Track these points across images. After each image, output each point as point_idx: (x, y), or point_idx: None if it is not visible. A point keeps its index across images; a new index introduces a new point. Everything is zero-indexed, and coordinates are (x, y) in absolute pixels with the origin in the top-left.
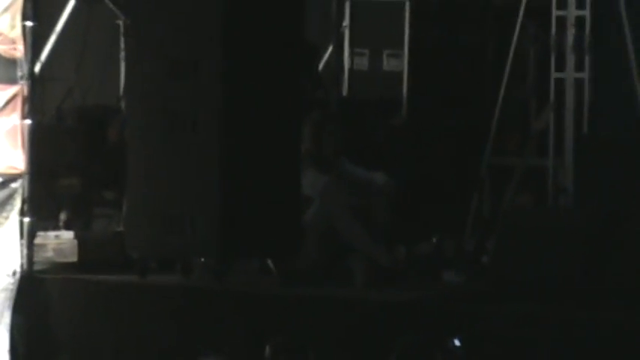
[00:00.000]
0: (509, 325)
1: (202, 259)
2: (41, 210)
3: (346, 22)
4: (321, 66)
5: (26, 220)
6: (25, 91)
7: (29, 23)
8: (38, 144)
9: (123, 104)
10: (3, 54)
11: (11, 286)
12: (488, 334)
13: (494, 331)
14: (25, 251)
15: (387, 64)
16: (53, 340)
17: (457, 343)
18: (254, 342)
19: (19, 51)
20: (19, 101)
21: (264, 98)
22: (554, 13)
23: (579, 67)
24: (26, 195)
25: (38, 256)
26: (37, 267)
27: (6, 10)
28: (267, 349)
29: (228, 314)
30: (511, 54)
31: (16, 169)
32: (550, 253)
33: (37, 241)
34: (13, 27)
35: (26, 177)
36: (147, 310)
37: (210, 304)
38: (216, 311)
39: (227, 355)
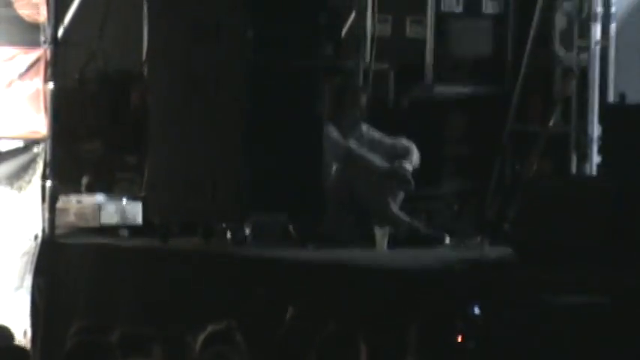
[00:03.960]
0: (531, 293)
1: (224, 224)
2: (63, 174)
3: None
4: (343, 32)
5: (48, 184)
6: (48, 55)
7: None
8: (60, 108)
9: (145, 68)
10: (26, 18)
11: (33, 250)
12: (509, 301)
13: (516, 299)
14: (46, 215)
15: (410, 30)
16: (74, 304)
17: (477, 310)
18: (274, 307)
19: (42, 15)
20: (41, 65)
21: (287, 63)
22: None
23: (604, 34)
24: (48, 159)
25: (60, 221)
26: (58, 231)
27: None
28: (289, 313)
29: (249, 279)
30: (535, 20)
31: (38, 133)
32: (573, 221)
33: (59, 205)
34: None
35: (48, 141)
36: (168, 275)
37: (231, 269)
38: (237, 276)
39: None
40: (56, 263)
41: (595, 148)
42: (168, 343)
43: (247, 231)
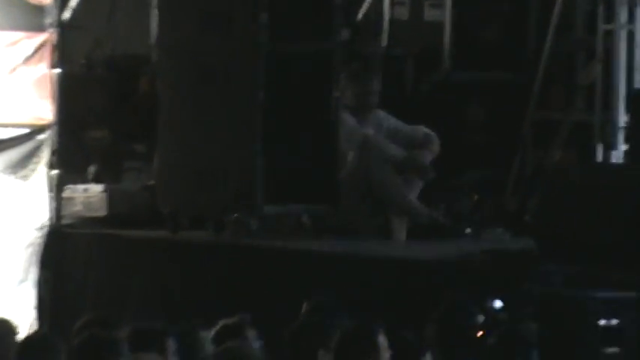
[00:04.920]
0: (552, 287)
1: (235, 215)
2: (69, 162)
3: None
4: (359, 16)
5: (54, 172)
6: (54, 40)
7: None
8: (67, 94)
9: (155, 54)
10: (30, 0)
11: (38, 241)
12: (530, 295)
13: (537, 293)
14: (52, 205)
15: (428, 13)
16: (80, 296)
17: (498, 304)
18: (289, 300)
19: None
20: (47, 50)
21: (300, 49)
22: None
23: (630, 18)
24: (54, 147)
25: (66, 210)
26: (65, 221)
27: None
28: (304, 307)
29: (262, 272)
30: (558, 4)
31: (43, 119)
32: (597, 212)
33: (65, 194)
34: None
35: (54, 128)
36: (177, 267)
37: (243, 261)
38: (250, 269)
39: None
40: (62, 255)
41: (621, 136)
42: (181, 338)
43: (260, 222)
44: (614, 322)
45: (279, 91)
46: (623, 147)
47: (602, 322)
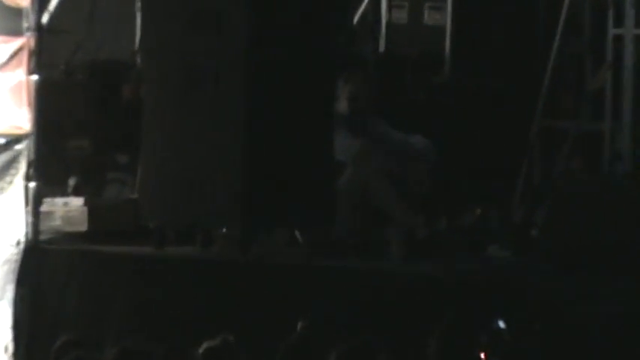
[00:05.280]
0: (560, 303)
1: (224, 229)
2: (48, 174)
3: None
4: (355, 19)
5: (32, 185)
6: (32, 44)
7: None
8: (45, 102)
9: (138, 58)
10: (7, 2)
11: (15, 257)
12: (536, 313)
13: (544, 311)
14: (30, 219)
15: (429, 17)
16: (60, 316)
17: (503, 324)
18: (282, 318)
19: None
20: (24, 55)
21: (293, 53)
22: None
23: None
24: (32, 158)
25: (45, 225)
26: (43, 237)
27: None
28: (300, 324)
29: (253, 288)
30: (565, 6)
31: (20, 129)
32: (606, 224)
33: (44, 208)
34: None
35: (32, 138)
36: (163, 285)
37: (232, 278)
38: (239, 286)
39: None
40: (41, 272)
41: (631, 146)
42: (169, 358)
43: (250, 237)
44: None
45: (270, 98)
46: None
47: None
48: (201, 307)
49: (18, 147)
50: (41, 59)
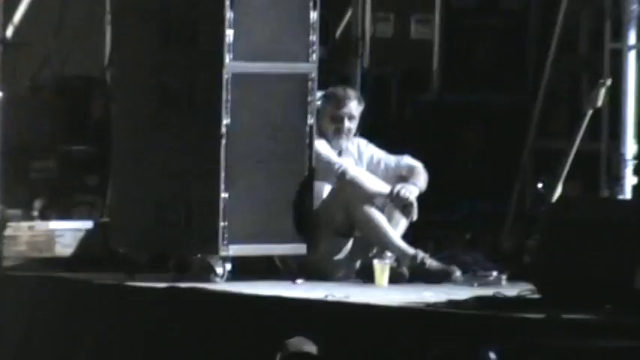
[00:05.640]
0: (554, 335)
1: (199, 255)
2: (12, 197)
3: None
4: (338, 32)
5: None
6: None
7: None
8: (9, 120)
9: (108, 75)
10: None
11: None
12: (529, 345)
13: (537, 342)
14: None
15: (415, 30)
16: (25, 346)
17: (493, 356)
18: (260, 350)
19: None
20: None
21: (272, 68)
22: None
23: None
24: None
25: (9, 251)
26: (7, 263)
27: None
28: (278, 357)
29: (231, 318)
30: (560, 18)
31: None
32: (603, 251)
33: (8, 232)
34: None
35: None
36: (134, 314)
37: (208, 306)
38: (216, 315)
39: None
40: (4, 300)
41: (629, 168)
42: None
43: (227, 264)
44: None
45: (248, 116)
46: (630, 180)
47: None
48: (175, 338)
49: None
50: (5, 74)
